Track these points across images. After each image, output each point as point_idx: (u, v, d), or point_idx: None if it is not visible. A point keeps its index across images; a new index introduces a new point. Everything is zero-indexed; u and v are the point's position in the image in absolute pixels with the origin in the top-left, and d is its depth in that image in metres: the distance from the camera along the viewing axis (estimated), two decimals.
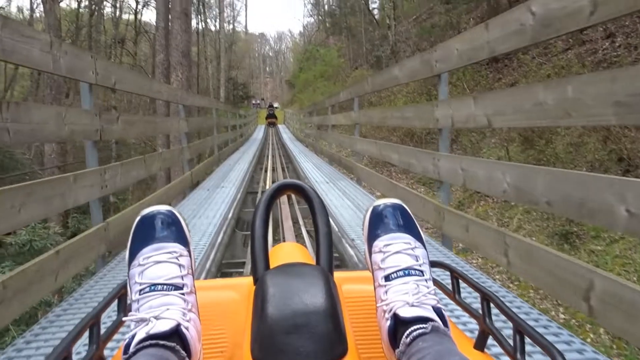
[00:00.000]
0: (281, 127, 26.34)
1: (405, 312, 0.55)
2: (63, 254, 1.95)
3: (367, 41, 29.34)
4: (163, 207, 0.65)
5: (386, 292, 0.59)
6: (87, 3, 22.22)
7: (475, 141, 11.43)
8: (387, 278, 0.60)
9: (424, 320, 0.55)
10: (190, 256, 0.63)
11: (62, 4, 22.67)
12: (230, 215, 3.45)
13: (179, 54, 12.52)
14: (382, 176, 4.40)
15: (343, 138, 6.33)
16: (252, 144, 13.48)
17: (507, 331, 0.58)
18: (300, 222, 3.92)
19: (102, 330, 0.57)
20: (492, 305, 0.61)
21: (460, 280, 0.69)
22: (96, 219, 2.47)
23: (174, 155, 4.55)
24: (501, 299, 0.59)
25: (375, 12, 32.43)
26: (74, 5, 22.35)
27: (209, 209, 3.76)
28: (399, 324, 0.56)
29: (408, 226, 0.66)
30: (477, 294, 0.62)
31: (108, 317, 0.66)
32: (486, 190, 2.20)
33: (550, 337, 1.44)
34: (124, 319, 0.58)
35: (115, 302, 0.62)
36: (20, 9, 28.30)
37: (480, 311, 0.62)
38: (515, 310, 0.84)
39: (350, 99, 5.67)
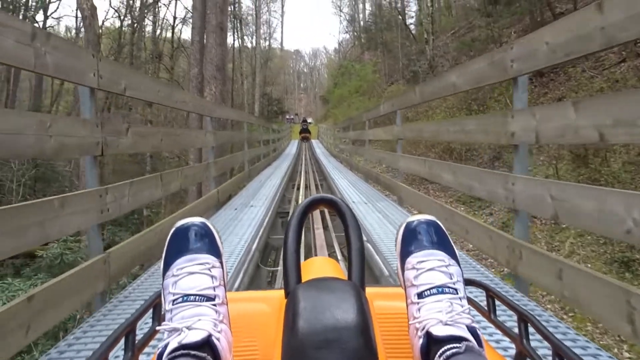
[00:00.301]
0: (315, 142, 26.02)
1: (439, 331, 0.54)
2: (38, 300, 1.52)
3: (403, 56, 28.88)
4: (197, 219, 0.66)
5: (419, 309, 0.58)
6: (129, 22, 22.86)
7: None
8: (420, 295, 0.59)
9: (458, 339, 0.53)
10: (222, 268, 0.63)
11: (107, 23, 23.43)
12: (254, 245, 2.97)
13: (214, 68, 12.44)
14: (429, 198, 3.81)
15: (383, 154, 5.78)
16: (284, 159, 13.12)
17: (543, 350, 0.59)
18: (338, 254, 3.40)
19: (138, 338, 0.58)
20: (529, 325, 0.59)
21: (495, 300, 0.67)
22: (95, 249, 2.05)
23: (197, 172, 4.14)
24: (538, 318, 0.57)
25: (412, 27, 32.00)
26: (117, 23, 23.03)
27: (233, 234, 3.31)
28: (431, 343, 0.54)
29: (442, 243, 0.65)
30: (513, 315, 0.60)
31: (145, 324, 0.66)
32: (596, 229, 1.63)
33: (588, 359, 1.44)
34: (157, 328, 0.58)
35: (151, 311, 0.63)
36: (68, 29, 29.48)
37: (517, 332, 0.60)
38: (551, 330, 0.80)
39: (391, 113, 5.18)
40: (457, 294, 0.59)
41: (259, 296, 0.81)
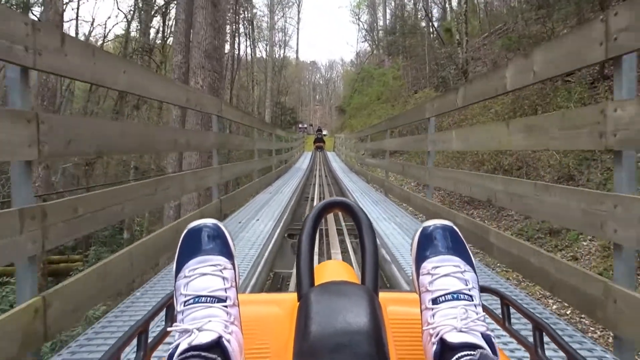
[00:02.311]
0: (330, 155, 22.82)
1: (453, 338, 0.52)
2: None
3: (430, 60, 25.94)
4: (209, 221, 0.66)
5: (433, 315, 0.57)
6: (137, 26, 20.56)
7: None
8: (435, 301, 0.58)
9: (472, 347, 0.51)
10: (234, 269, 0.62)
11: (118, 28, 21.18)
12: None
13: (202, 55, 9.50)
14: None
15: (524, 186, 2.39)
16: (292, 177, 9.83)
17: None
18: None
19: (150, 339, 0.58)
20: (544, 334, 0.57)
21: (511, 308, 0.66)
22: None
23: None
24: (553, 327, 0.56)
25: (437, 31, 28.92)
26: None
27: None
28: (445, 350, 0.53)
29: (458, 249, 0.63)
30: (528, 323, 0.59)
31: (158, 325, 0.66)
32: None
33: None
34: (168, 329, 0.59)
35: (164, 312, 0.63)
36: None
37: (532, 340, 0.58)
38: (567, 339, 0.72)
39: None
40: (473, 300, 0.57)
41: (272, 299, 0.79)
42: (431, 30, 29.00)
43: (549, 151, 9.51)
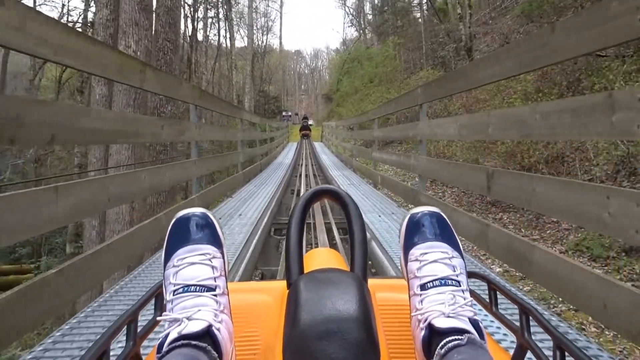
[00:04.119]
0: (318, 146, 20.05)
1: (441, 323, 0.53)
2: None
3: (427, 39, 23.42)
4: (198, 210, 0.64)
5: (421, 301, 0.57)
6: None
7: None
8: (423, 287, 0.58)
9: (460, 331, 0.52)
10: (223, 258, 0.61)
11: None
12: None
13: (135, 8, 6.78)
14: None
15: None
16: (266, 182, 7.01)
17: (544, 344, 0.56)
18: None
19: (139, 328, 0.56)
20: (530, 318, 0.57)
21: (497, 293, 0.65)
22: None
23: None
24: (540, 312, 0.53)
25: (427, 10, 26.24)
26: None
27: None
28: (433, 335, 0.53)
29: (445, 235, 0.64)
30: (514, 308, 0.58)
31: (149, 313, 0.63)
32: None
33: None
34: (158, 318, 0.57)
35: (153, 300, 0.61)
36: None
37: (518, 324, 0.58)
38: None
39: None
40: (460, 286, 0.57)
41: (262, 287, 0.79)
42: (426, 7, 26.36)
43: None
